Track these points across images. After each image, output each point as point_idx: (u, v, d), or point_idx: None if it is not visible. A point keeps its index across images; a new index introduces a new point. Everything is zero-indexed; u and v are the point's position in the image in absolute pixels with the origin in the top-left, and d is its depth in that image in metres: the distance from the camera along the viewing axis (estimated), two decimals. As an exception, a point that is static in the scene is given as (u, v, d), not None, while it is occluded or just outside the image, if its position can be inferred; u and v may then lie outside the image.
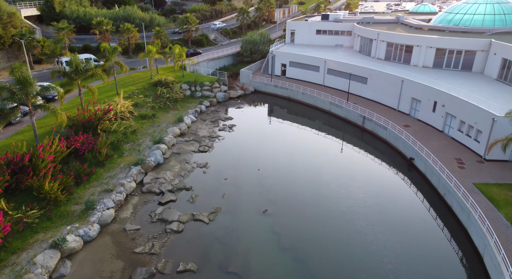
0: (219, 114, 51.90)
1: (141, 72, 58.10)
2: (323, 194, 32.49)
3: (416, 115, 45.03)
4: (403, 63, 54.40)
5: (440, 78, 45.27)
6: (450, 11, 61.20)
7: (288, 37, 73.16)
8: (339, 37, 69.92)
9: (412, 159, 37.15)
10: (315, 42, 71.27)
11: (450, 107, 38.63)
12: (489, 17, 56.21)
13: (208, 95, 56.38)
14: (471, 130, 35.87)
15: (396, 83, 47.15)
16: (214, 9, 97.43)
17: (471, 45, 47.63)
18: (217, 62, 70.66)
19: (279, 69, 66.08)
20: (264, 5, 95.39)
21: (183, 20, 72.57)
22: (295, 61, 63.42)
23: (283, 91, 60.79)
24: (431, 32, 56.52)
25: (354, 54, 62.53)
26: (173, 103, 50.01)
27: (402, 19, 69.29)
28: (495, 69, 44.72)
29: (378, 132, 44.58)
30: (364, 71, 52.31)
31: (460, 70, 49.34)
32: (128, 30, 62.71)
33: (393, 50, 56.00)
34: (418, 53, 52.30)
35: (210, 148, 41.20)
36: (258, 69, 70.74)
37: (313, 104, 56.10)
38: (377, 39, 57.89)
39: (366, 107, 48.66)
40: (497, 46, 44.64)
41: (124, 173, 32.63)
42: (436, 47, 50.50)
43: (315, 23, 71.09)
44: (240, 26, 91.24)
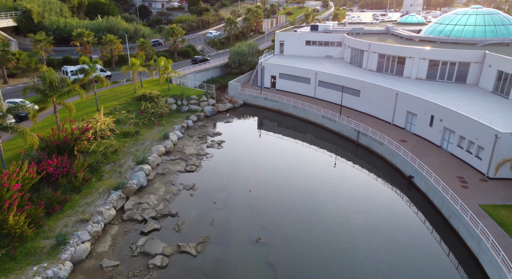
0: (207, 130, 49.45)
1: (124, 86, 55.33)
2: (320, 217, 30.20)
3: (412, 130, 43.43)
4: (396, 75, 53.14)
5: (435, 91, 43.95)
6: (440, 22, 60.59)
7: (277, 48, 71.60)
8: (329, 48, 68.65)
9: (412, 177, 35.28)
10: (305, 53, 69.83)
11: (448, 122, 37.09)
12: (479, 28, 55.64)
13: (196, 109, 53.93)
14: (471, 147, 34.26)
15: (390, 96, 45.63)
16: (201, 20, 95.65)
17: (465, 57, 46.62)
18: (205, 74, 68.43)
19: (268, 81, 64.23)
20: (252, 16, 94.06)
21: (169, 31, 70.30)
22: (285, 73, 61.68)
23: (273, 104, 58.80)
24: (422, 43, 55.61)
25: (345, 65, 61.16)
26: (158, 119, 47.35)
27: (392, 30, 68.59)
28: (490, 81, 43.64)
29: (373, 148, 42.75)
30: (357, 83, 50.78)
31: (454, 82, 48.23)
32: (110, 41, 60.05)
33: (385, 61, 54.76)
34: (411, 65, 51.11)
35: (197, 167, 38.63)
36: (247, 81, 68.76)
37: (305, 118, 54.18)
38: (369, 50, 56.65)
39: (359, 121, 46.95)
40: (491, 58, 43.65)
41: (103, 199, 29.75)
42: (429, 59, 49.39)
43: (305, 34, 69.77)
44: (228, 37, 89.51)
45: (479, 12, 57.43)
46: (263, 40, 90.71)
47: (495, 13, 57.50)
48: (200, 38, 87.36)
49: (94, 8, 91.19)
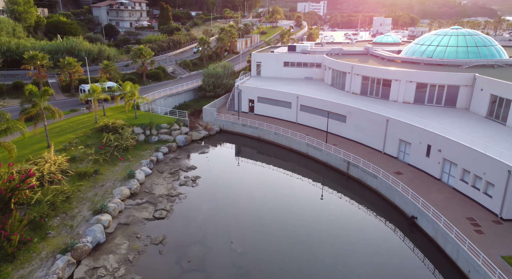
0: (179, 163, 43.84)
1: (84, 115, 48.94)
2: (316, 272, 25.20)
3: (406, 160, 39.82)
4: (381, 98, 50.08)
5: (427, 116, 40.86)
6: (421, 43, 58.79)
7: (254, 69, 67.67)
8: (308, 69, 65.44)
9: (414, 218, 31.17)
10: (283, 74, 66.26)
11: (449, 153, 33.62)
12: (462, 49, 54.02)
13: (166, 139, 48.29)
14: (478, 182, 30.72)
15: (380, 122, 42.12)
16: (171, 40, 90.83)
17: (454, 80, 44.15)
18: (176, 99, 63.10)
19: (246, 105, 59.77)
20: (226, 35, 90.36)
21: (136, 52, 64.82)
22: (264, 97, 57.50)
23: (253, 131, 54.16)
24: (405, 65, 53.27)
25: (326, 88, 57.80)
26: (123, 153, 41.36)
27: (371, 50, 66.47)
28: (483, 106, 41.06)
29: (366, 181, 38.65)
30: (342, 108, 47.16)
31: (444, 106, 45.53)
32: (69, 64, 53.81)
33: (369, 84, 51.74)
34: (398, 88, 48.22)
35: (168, 212, 32.90)
36: (223, 105, 64.01)
37: (288, 146, 49.77)
38: (351, 72, 53.59)
39: (347, 149, 43.06)
40: (483, 82, 41.24)
41: (45, 268, 23.46)
42: (416, 82, 46.65)
43: (282, 55, 66.35)
44: (201, 57, 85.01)
45: (460, 33, 56.10)
46: (238, 61, 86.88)
47: (475, 34, 56.35)
48: (171, 59, 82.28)
49: (54, 27, 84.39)
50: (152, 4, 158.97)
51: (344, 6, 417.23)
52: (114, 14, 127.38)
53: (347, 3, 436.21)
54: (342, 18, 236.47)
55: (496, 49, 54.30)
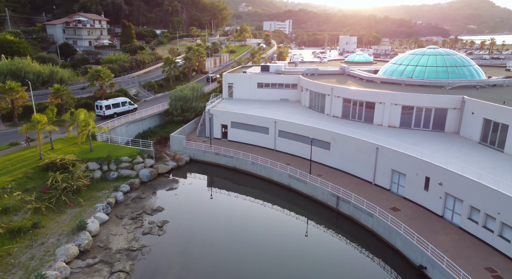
0: (143, 204, 37.44)
1: (26, 150, 41.44)
2: None
3: (400, 192, 35.90)
4: (365, 122, 46.65)
5: (417, 143, 37.54)
6: (399, 63, 56.65)
7: (226, 91, 62.83)
8: (283, 90, 61.54)
9: (423, 268, 26.77)
10: (257, 96, 61.89)
11: (452, 187, 29.92)
12: (441, 69, 52.16)
13: (128, 175, 41.75)
14: (491, 222, 26.99)
15: (368, 151, 38.23)
16: (135, 59, 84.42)
17: (442, 103, 41.43)
18: (140, 125, 56.64)
19: (219, 131, 54.49)
20: (193, 55, 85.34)
21: (93, 74, 58.03)
22: (238, 122, 52.55)
23: (227, 160, 48.77)
24: (386, 86, 50.53)
25: (304, 111, 53.85)
26: (73, 197, 34.47)
27: (348, 70, 63.82)
28: (475, 131, 38.29)
29: (360, 219, 34.16)
30: (325, 134, 43.09)
31: (432, 130, 42.59)
32: (11, 89, 46.30)
33: (351, 107, 48.26)
34: (382, 111, 44.97)
35: (128, 275, 26.49)
36: (193, 131, 58.30)
37: (267, 177, 44.75)
38: (332, 94, 50.02)
39: (332, 179, 38.81)
40: (473, 105, 38.65)
41: None
42: (402, 105, 43.63)
43: (256, 76, 62.12)
44: (167, 78, 79.17)
45: (437, 52, 54.51)
46: (208, 81, 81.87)
47: (452, 54, 54.98)
48: (134, 81, 75.73)
49: (-1, 47, 75.61)
50: (114, 22, 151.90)
51: (308, 25, 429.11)
52: (71, 32, 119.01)
53: (311, 22, 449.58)
54: (308, 37, 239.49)
55: (474, 69, 52.97)
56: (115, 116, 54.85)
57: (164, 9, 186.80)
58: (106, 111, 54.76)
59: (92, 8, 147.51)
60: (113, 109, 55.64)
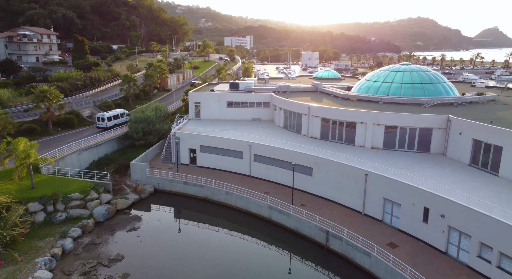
0: (98, 252, 31.14)
1: (-51, 189, 33.74)
2: None
3: (394, 224, 32.62)
4: (346, 143, 43.65)
5: (406, 167, 34.87)
6: (374, 79, 54.88)
7: (192, 111, 57.76)
8: (255, 109, 57.63)
9: (439, 319, 23.15)
10: (227, 116, 57.44)
11: (457, 220, 26.96)
12: (417, 86, 50.91)
13: (79, 215, 35.19)
14: (507, 262, 24.06)
15: (357, 177, 34.89)
16: (89, 77, 76.81)
17: (426, 122, 39.35)
18: (95, 152, 49.86)
19: (186, 156, 49.21)
20: (155, 71, 79.47)
21: (38, 95, 50.59)
22: (208, 146, 47.67)
23: (198, 190, 43.53)
24: (363, 104, 48.29)
25: (279, 132, 50.14)
26: (5, 251, 27.54)
27: (321, 87, 61.36)
28: (465, 152, 36.26)
29: (354, 259, 30.27)
30: (307, 159, 39.41)
31: (416, 151, 40.29)
32: None
33: (330, 127, 45.18)
34: (364, 131, 42.21)
35: None
36: (157, 156, 52.39)
37: (244, 209, 40.05)
38: (309, 114, 46.75)
39: (317, 210, 35.24)
40: (460, 124, 36.76)
41: None
42: (385, 125, 41.13)
43: (225, 94, 57.80)
44: (126, 97, 72.54)
45: (411, 69, 53.44)
46: (171, 99, 76.21)
47: (426, 70, 54.14)
48: (88, 101, 68.30)
49: None
50: (65, 36, 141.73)
51: (269, 41, 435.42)
52: (15, 47, 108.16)
53: (271, 38, 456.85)
54: (270, 52, 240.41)
55: (448, 86, 52.29)
56: (116, 127, 55.97)
57: (121, 23, 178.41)
58: (109, 123, 56.51)
59: (40, 21, 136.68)
60: (114, 120, 57.62)
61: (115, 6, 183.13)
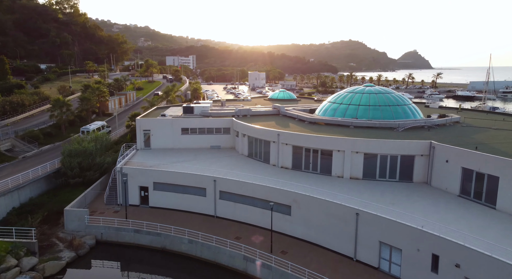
0: None
1: None
2: None
3: (394, 272, 28.16)
4: (322, 174, 39.22)
5: (397, 203, 31.13)
6: (339, 102, 51.94)
7: (141, 139, 49.87)
8: (214, 136, 51.47)
9: None
10: (182, 144, 50.52)
11: (477, 271, 23.07)
12: (385, 108, 48.82)
13: (-9, 294, 25.73)
14: (544, 319, 20.45)
15: (346, 217, 30.23)
16: (9, 101, 64.55)
17: (408, 149, 36.36)
18: (16, 197, 39.59)
19: (136, 195, 41.29)
20: (93, 94, 69.70)
21: None
22: (163, 182, 40.44)
23: (153, 239, 35.79)
24: (333, 128, 44.82)
25: (244, 161, 44.52)
26: None
27: (283, 110, 57.16)
28: (453, 182, 33.44)
29: (359, 321, 25.03)
30: (284, 195, 34.11)
31: (399, 180, 37.03)
32: None
33: (303, 156, 40.57)
34: (342, 160, 38.17)
35: None
36: (99, 197, 43.45)
37: (213, 260, 33.19)
38: (278, 141, 41.83)
39: (301, 258, 29.87)
40: (446, 151, 34.17)
41: None
42: (364, 152, 37.47)
43: (179, 120, 50.96)
44: (58, 125, 61.85)
45: (376, 91, 51.60)
46: (113, 125, 66.86)
47: (390, 92, 52.59)
48: (7, 130, 56.47)
49: None
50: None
51: (212, 60, 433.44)
52: None
53: (214, 58, 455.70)
54: (216, 72, 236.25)
55: (414, 108, 51.03)
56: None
57: (50, 41, 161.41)
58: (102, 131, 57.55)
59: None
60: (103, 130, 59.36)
61: (42, 22, 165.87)
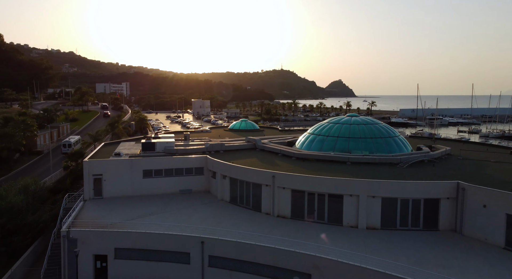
0: None
1: None
2: None
3: None
4: (331, 224, 32.55)
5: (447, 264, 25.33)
6: (325, 133, 46.37)
7: (90, 187, 38.78)
8: (184, 178, 42.43)
9: None
10: (145, 190, 40.57)
11: None
12: (378, 141, 44.44)
13: None
14: None
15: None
16: None
17: (433, 192, 31.43)
18: None
19: (89, 267, 30.24)
20: (17, 129, 55.40)
21: None
22: (129, 248, 30.07)
23: None
24: (327, 165, 39.18)
25: (226, 209, 36.37)
26: None
27: (260, 144, 50.23)
28: (496, 231, 28.35)
29: None
30: (300, 261, 26.44)
31: (423, 229, 31.66)
32: None
33: (305, 202, 33.65)
34: (355, 206, 31.94)
35: None
36: (33, 273, 31.06)
37: None
38: (273, 185, 34.47)
39: None
40: (481, 194, 29.55)
41: None
42: (382, 197, 31.72)
43: (140, 161, 41.06)
44: (-34, 168, 46.94)
45: (363, 121, 47.45)
46: (46, 166, 53.20)
47: (377, 122, 48.71)
48: None
49: None
50: None
51: (147, 88, 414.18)
52: None
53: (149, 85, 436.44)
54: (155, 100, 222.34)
55: (403, 140, 47.60)
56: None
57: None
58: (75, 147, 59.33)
59: None
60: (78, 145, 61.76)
61: None
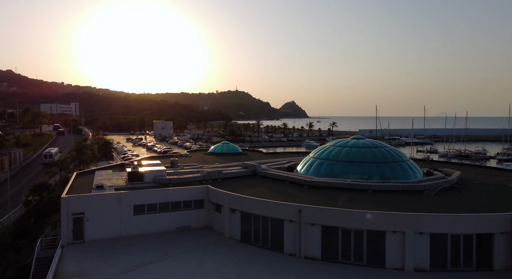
0: None
1: None
2: None
3: None
4: (370, 266, 27.81)
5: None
6: (333, 158, 42.24)
7: (69, 229, 30.49)
8: (181, 213, 35.70)
9: None
10: (135, 230, 33.19)
11: None
12: (393, 165, 41.23)
13: None
14: None
15: None
16: None
17: (486, 225, 27.97)
18: None
19: None
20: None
21: None
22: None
23: None
24: (344, 193, 34.82)
25: (240, 251, 30.20)
26: None
27: (260, 170, 45.00)
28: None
29: None
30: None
31: (476, 269, 27.88)
32: None
33: (339, 241, 28.68)
34: (400, 245, 27.58)
35: None
36: None
37: None
38: (299, 221, 29.20)
39: None
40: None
41: None
42: (430, 233, 27.71)
43: (131, 194, 33.69)
44: None
45: (373, 144, 44.31)
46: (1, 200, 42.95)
47: (386, 145, 45.47)
48: None
49: None
50: None
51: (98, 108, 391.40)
52: None
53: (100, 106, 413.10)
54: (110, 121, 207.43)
55: (414, 164, 44.80)
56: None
57: None
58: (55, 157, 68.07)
59: None
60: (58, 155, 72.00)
61: None
